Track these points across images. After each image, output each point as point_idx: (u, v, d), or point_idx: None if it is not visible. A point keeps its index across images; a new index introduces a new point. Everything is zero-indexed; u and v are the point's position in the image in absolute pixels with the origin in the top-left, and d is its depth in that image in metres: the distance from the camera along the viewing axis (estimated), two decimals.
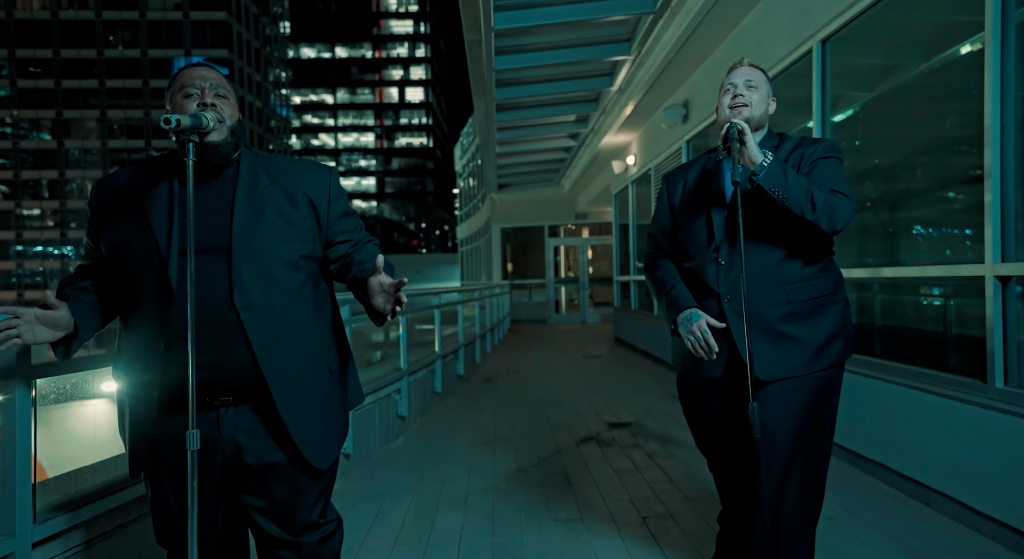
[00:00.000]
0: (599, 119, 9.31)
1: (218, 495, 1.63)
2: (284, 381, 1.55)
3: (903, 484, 3.27)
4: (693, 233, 1.96)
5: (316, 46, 78.69)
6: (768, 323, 1.84)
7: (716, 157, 1.99)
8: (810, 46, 4.24)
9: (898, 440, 3.31)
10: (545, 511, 3.22)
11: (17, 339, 1.43)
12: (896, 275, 3.60)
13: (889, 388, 3.39)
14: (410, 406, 5.06)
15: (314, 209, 1.63)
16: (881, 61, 4.12)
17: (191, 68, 1.60)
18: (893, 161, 3.78)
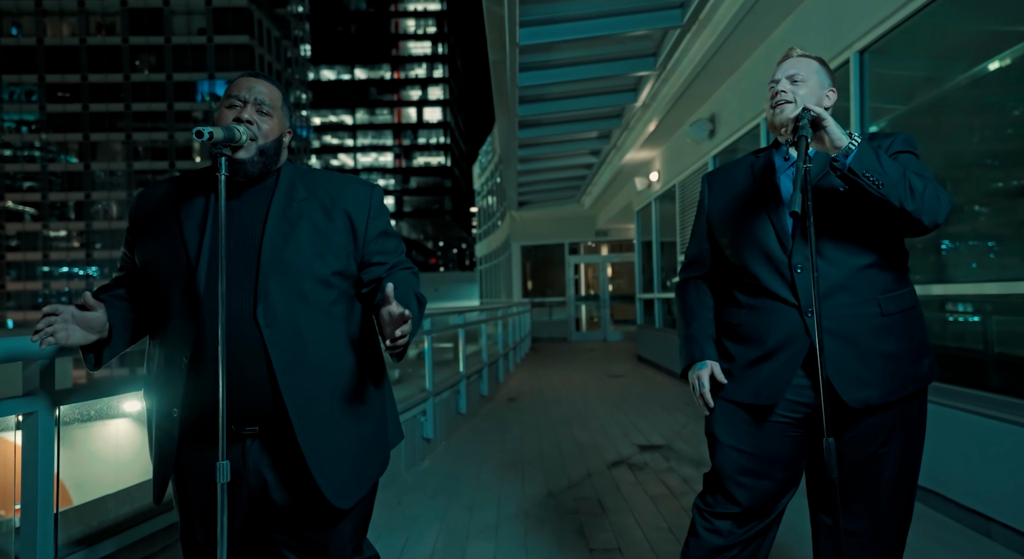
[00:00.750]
0: (622, 135, 9.23)
1: (247, 531, 1.54)
2: (306, 408, 1.45)
3: (961, 514, 3.08)
4: (755, 241, 1.70)
5: (336, 68, 79.92)
6: (858, 339, 1.59)
7: (772, 154, 1.76)
8: (847, 56, 4.13)
9: (954, 467, 3.13)
10: (580, 540, 3.08)
11: (51, 338, 1.34)
12: (948, 293, 3.44)
13: (940, 411, 3.21)
14: (435, 428, 4.95)
15: (352, 225, 1.55)
16: (921, 73, 3.99)
17: (244, 77, 1.55)
18: (939, 174, 3.64)
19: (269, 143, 1.51)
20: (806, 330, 1.62)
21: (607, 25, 5.54)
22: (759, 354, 1.68)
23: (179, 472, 1.53)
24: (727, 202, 1.79)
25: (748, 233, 1.71)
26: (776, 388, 1.64)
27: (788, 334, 1.64)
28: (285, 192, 1.53)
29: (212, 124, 1.45)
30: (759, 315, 1.68)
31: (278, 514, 1.51)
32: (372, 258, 1.58)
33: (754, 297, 1.71)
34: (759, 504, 1.69)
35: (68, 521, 1.79)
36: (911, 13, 3.52)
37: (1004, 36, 3.12)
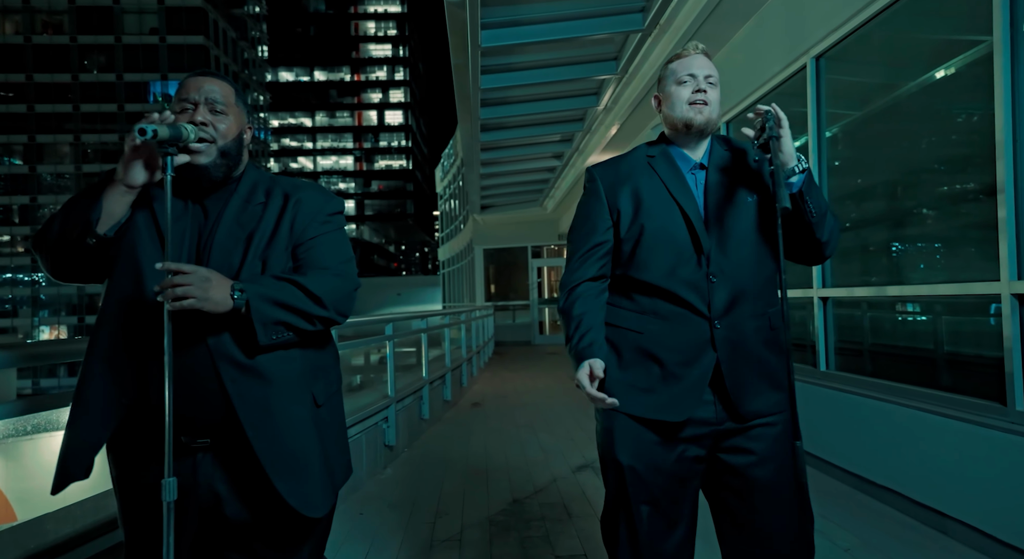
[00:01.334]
0: (584, 139, 9.27)
1: (197, 550, 1.45)
2: (261, 417, 1.39)
3: (919, 512, 3.14)
4: (665, 241, 1.60)
5: (294, 70, 78.70)
6: (752, 350, 1.57)
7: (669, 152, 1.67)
8: (804, 62, 4.19)
9: (912, 466, 3.19)
10: (546, 546, 3.04)
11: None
12: (904, 294, 3.51)
13: (899, 411, 3.27)
14: (398, 435, 4.85)
15: (292, 226, 1.50)
16: (875, 80, 4.08)
17: (193, 77, 1.49)
18: (893, 178, 3.71)
19: (229, 143, 1.47)
20: (712, 344, 1.57)
21: (569, 28, 5.54)
22: (665, 370, 1.59)
23: (124, 489, 1.44)
24: (633, 202, 1.65)
25: (660, 236, 1.61)
26: (686, 404, 1.57)
27: (696, 348, 1.57)
28: (244, 196, 1.50)
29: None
30: (666, 325, 1.59)
31: (232, 531, 1.44)
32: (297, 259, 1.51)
33: (662, 305, 1.61)
34: (669, 531, 1.62)
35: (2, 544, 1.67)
36: (865, 20, 3.59)
37: (954, 44, 3.20)
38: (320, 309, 1.44)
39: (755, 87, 4.86)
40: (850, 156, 4.11)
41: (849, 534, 3.03)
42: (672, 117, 1.64)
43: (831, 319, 4.10)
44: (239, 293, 1.33)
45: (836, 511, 3.34)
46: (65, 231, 1.37)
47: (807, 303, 4.27)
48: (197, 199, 1.47)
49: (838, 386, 3.86)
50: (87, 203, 1.37)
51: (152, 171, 1.38)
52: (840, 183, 4.12)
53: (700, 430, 1.59)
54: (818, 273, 4.13)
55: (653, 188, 1.64)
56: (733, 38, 5.18)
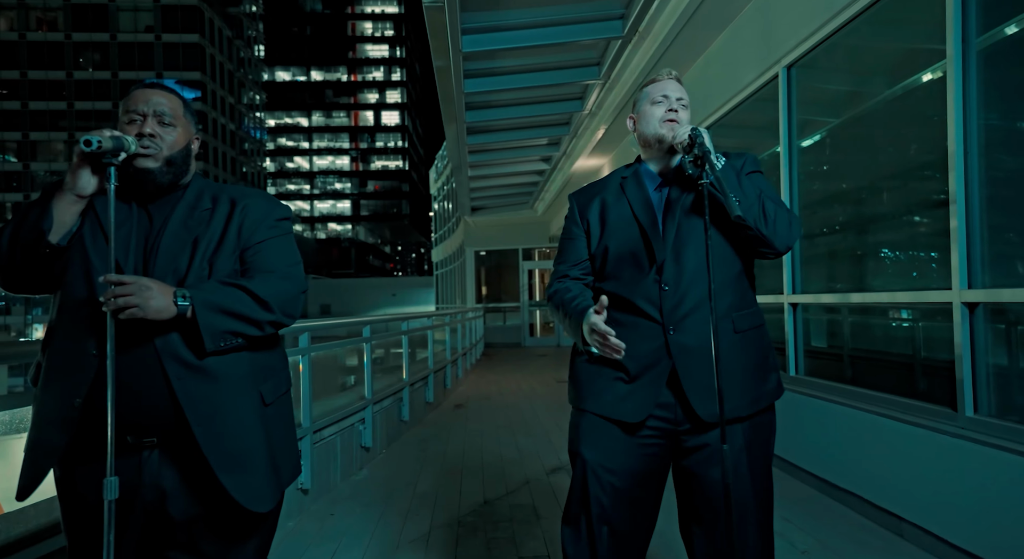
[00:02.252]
0: (571, 143, 9.32)
1: (141, 551, 1.49)
2: (207, 414, 1.43)
3: (877, 515, 3.20)
4: (625, 255, 1.73)
5: (291, 69, 78.67)
6: (711, 355, 1.62)
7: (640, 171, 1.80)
8: (776, 71, 4.26)
9: (871, 469, 3.25)
10: (511, 547, 3.08)
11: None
12: (865, 301, 3.57)
13: (860, 416, 3.33)
14: (375, 436, 4.89)
15: (239, 232, 1.55)
16: (847, 87, 4.14)
17: (141, 89, 1.54)
18: (860, 185, 3.78)
19: (176, 153, 1.52)
20: (667, 349, 1.65)
21: (550, 34, 5.59)
22: (626, 373, 1.69)
23: (66, 489, 1.48)
24: (600, 222, 1.80)
25: (622, 250, 1.73)
26: (642, 405, 1.66)
27: (652, 353, 1.66)
28: (190, 202, 1.54)
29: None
30: (626, 333, 1.67)
31: (175, 530, 1.48)
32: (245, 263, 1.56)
33: (620, 313, 1.72)
34: (627, 525, 1.69)
35: None
36: (834, 30, 3.65)
37: (919, 53, 3.26)
38: (267, 313, 1.49)
39: (732, 94, 4.92)
40: (822, 163, 4.18)
41: (808, 536, 3.09)
42: (645, 134, 1.77)
43: (800, 324, 4.16)
44: (183, 299, 1.37)
45: (798, 514, 3.40)
46: (16, 241, 1.41)
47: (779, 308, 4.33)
48: (142, 205, 1.52)
49: (805, 391, 3.92)
50: (38, 213, 1.41)
51: (100, 180, 1.43)
52: (811, 189, 4.18)
53: (660, 429, 1.68)
54: (788, 279, 4.19)
55: (620, 209, 1.78)
56: (710, 47, 5.25)
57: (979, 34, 2.65)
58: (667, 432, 1.69)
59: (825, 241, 4.04)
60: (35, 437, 1.45)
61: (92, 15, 49.45)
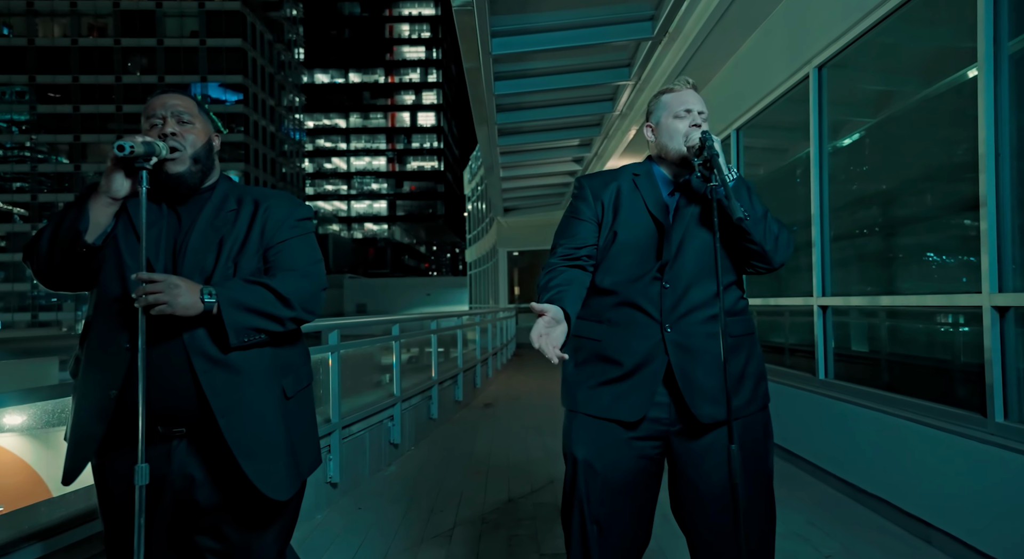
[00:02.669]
0: (602, 143, 9.32)
1: (170, 535, 1.58)
2: (231, 405, 1.50)
3: (904, 520, 3.15)
4: (632, 248, 1.72)
5: (329, 72, 79.88)
6: (708, 357, 1.66)
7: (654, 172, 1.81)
8: (807, 72, 4.21)
9: (899, 474, 3.20)
10: (532, 545, 3.12)
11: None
12: (894, 304, 3.52)
13: (889, 420, 3.29)
14: (403, 433, 4.98)
15: (263, 232, 1.62)
16: (878, 87, 4.07)
17: (156, 97, 1.62)
18: (890, 187, 3.72)
19: (199, 149, 1.60)
20: (664, 347, 1.67)
21: (580, 36, 5.62)
22: (620, 372, 1.69)
23: (102, 475, 1.57)
24: (614, 210, 1.78)
25: (633, 247, 1.73)
26: (638, 404, 1.67)
27: (648, 350, 1.67)
28: (217, 204, 1.62)
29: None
30: (620, 331, 1.69)
31: (201, 515, 1.55)
32: (268, 261, 1.63)
33: (618, 311, 1.72)
34: (620, 525, 1.70)
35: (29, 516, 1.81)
36: (865, 30, 3.60)
37: (952, 52, 3.20)
38: (288, 310, 1.56)
39: (762, 95, 4.88)
40: (852, 164, 4.12)
41: (833, 541, 3.06)
42: (667, 147, 1.77)
43: (829, 327, 4.11)
44: (209, 296, 1.45)
45: (824, 518, 3.36)
46: (55, 241, 1.50)
47: (808, 310, 4.28)
48: (172, 206, 1.60)
49: (834, 395, 3.87)
50: (75, 215, 1.50)
51: (132, 183, 1.51)
52: (841, 190, 4.13)
53: (654, 429, 1.69)
54: (818, 282, 4.14)
55: (634, 202, 1.77)
56: (739, 50, 5.21)
57: (1011, 37, 2.60)
58: (660, 433, 1.70)
59: (855, 243, 3.98)
60: (76, 426, 1.55)
61: (140, 21, 51.04)
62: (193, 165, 1.58)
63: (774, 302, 4.95)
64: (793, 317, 4.74)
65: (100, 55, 50.81)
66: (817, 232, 4.14)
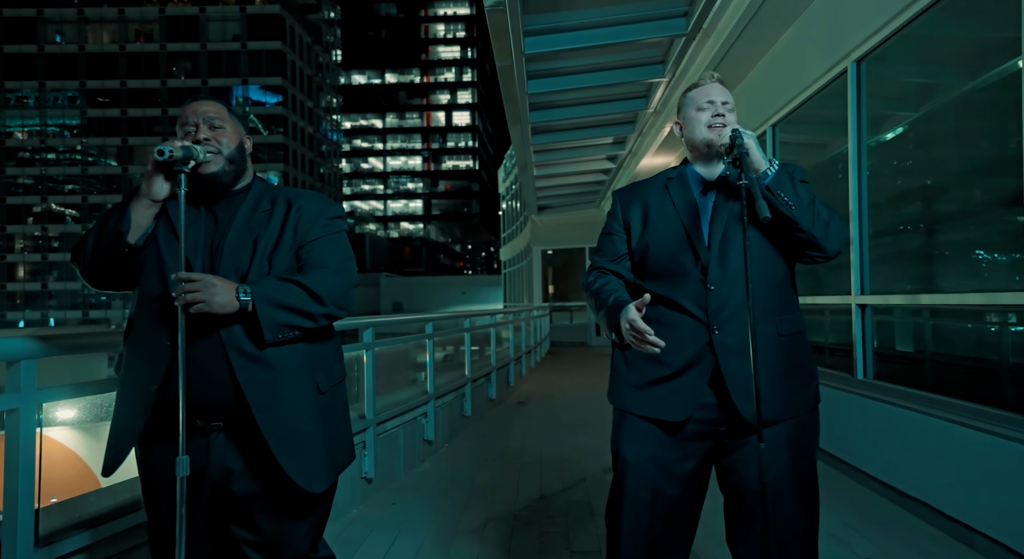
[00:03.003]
0: (637, 141, 9.25)
1: (209, 525, 1.64)
2: (267, 400, 1.55)
3: (945, 524, 3.07)
4: (668, 254, 1.75)
5: (366, 72, 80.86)
6: (756, 357, 1.62)
7: (686, 174, 1.82)
8: (845, 66, 4.13)
9: (941, 478, 3.12)
10: (563, 542, 3.14)
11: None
12: (935, 302, 3.43)
13: (930, 421, 3.21)
14: (437, 430, 5.04)
15: (295, 231, 1.67)
16: (920, 80, 3.97)
17: (189, 104, 1.70)
18: (932, 182, 3.62)
19: (233, 151, 1.67)
20: (711, 348, 1.67)
21: (613, 34, 5.60)
22: (668, 372, 1.70)
23: (145, 467, 1.64)
24: (643, 215, 1.82)
25: (666, 251, 1.75)
26: (684, 404, 1.68)
27: (696, 352, 1.68)
28: (251, 204, 1.68)
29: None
30: (667, 331, 1.69)
31: (238, 505, 1.61)
32: (300, 260, 1.68)
33: (664, 312, 1.74)
34: (665, 524, 1.71)
35: (50, 516, 1.91)
36: (905, 22, 3.52)
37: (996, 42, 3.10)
38: (320, 306, 1.60)
39: (798, 90, 4.79)
40: (893, 159, 4.02)
41: (870, 544, 3.01)
42: (693, 140, 1.79)
43: (869, 326, 4.02)
44: (244, 294, 1.51)
45: (861, 520, 3.30)
46: (100, 242, 1.57)
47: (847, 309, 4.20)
48: (209, 207, 1.67)
49: (873, 395, 3.79)
50: (117, 217, 1.57)
51: (171, 186, 1.58)
52: (880, 186, 4.04)
53: (702, 430, 1.70)
54: (856, 280, 4.06)
55: (663, 208, 1.79)
56: (775, 45, 5.13)
57: None
58: (707, 433, 1.71)
59: (894, 241, 3.89)
60: (117, 420, 1.62)
61: (184, 26, 52.42)
62: (227, 165, 1.64)
63: (811, 301, 4.86)
64: (834, 315, 4.65)
65: (146, 60, 52.33)
66: (856, 229, 4.05)
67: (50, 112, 52.40)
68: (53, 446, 21.13)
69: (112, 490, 2.11)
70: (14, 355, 1.69)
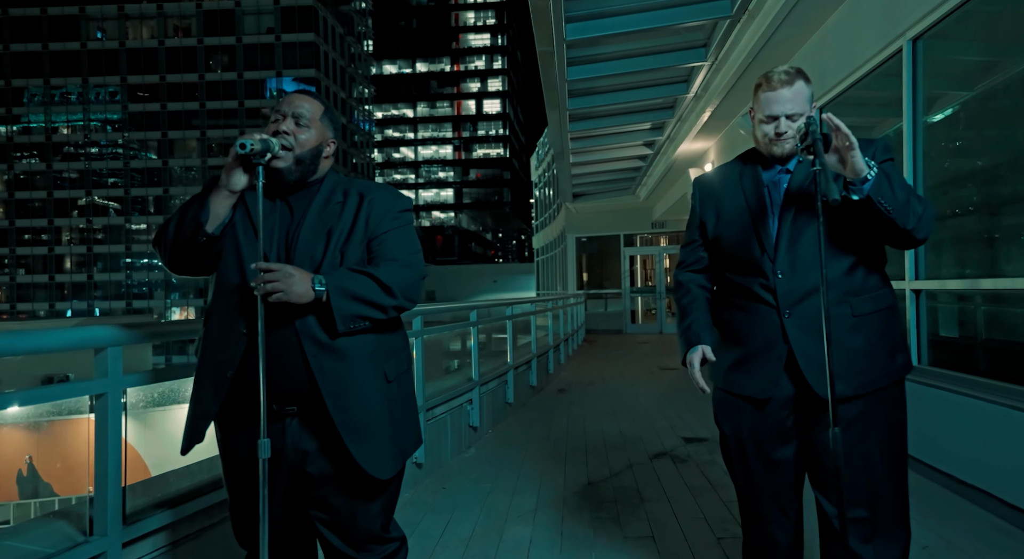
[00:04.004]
0: (675, 126, 9.14)
1: (287, 505, 1.70)
2: (338, 387, 1.60)
3: (1007, 512, 3.01)
4: (741, 243, 1.83)
5: (397, 62, 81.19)
6: (831, 337, 1.67)
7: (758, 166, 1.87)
8: (900, 45, 4.02)
9: (1003, 466, 3.06)
10: (615, 527, 3.16)
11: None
12: (997, 287, 3.34)
13: (992, 408, 3.14)
14: (482, 417, 5.10)
15: (367, 223, 1.70)
16: (980, 58, 3.85)
17: (291, 94, 1.75)
18: (992, 163, 3.52)
19: (305, 152, 1.69)
20: (783, 333, 1.74)
21: (655, 18, 5.53)
22: (745, 353, 1.82)
23: (227, 450, 1.71)
24: (716, 208, 1.92)
25: (735, 239, 1.84)
26: (764, 385, 1.78)
27: (768, 336, 1.77)
28: (325, 196, 1.72)
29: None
30: (745, 315, 1.82)
31: (313, 486, 1.67)
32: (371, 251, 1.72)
33: (741, 298, 1.85)
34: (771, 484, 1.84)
35: (135, 494, 2.00)
36: None
37: None
38: (391, 298, 1.64)
39: (849, 71, 4.68)
40: (950, 140, 3.92)
41: (930, 532, 2.96)
42: (759, 143, 1.84)
43: (923, 312, 3.94)
44: (320, 285, 1.55)
45: (919, 508, 3.22)
46: (180, 231, 1.63)
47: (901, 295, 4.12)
48: (285, 198, 1.71)
49: (930, 382, 3.71)
50: (197, 207, 1.63)
51: (249, 178, 1.62)
52: (938, 168, 3.93)
53: (785, 405, 1.80)
54: (911, 265, 3.97)
55: (735, 201, 1.87)
56: (824, 24, 5.01)
57: None
58: (791, 406, 1.80)
59: (952, 224, 3.80)
60: (194, 403, 1.68)
61: (221, 20, 53.20)
62: (295, 165, 1.67)
63: None
64: None
65: (185, 54, 53.29)
66: None
67: (93, 107, 53.78)
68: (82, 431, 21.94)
69: (189, 470, 2.19)
70: (102, 342, 1.77)
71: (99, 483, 1.76)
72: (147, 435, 15.18)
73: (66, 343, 1.70)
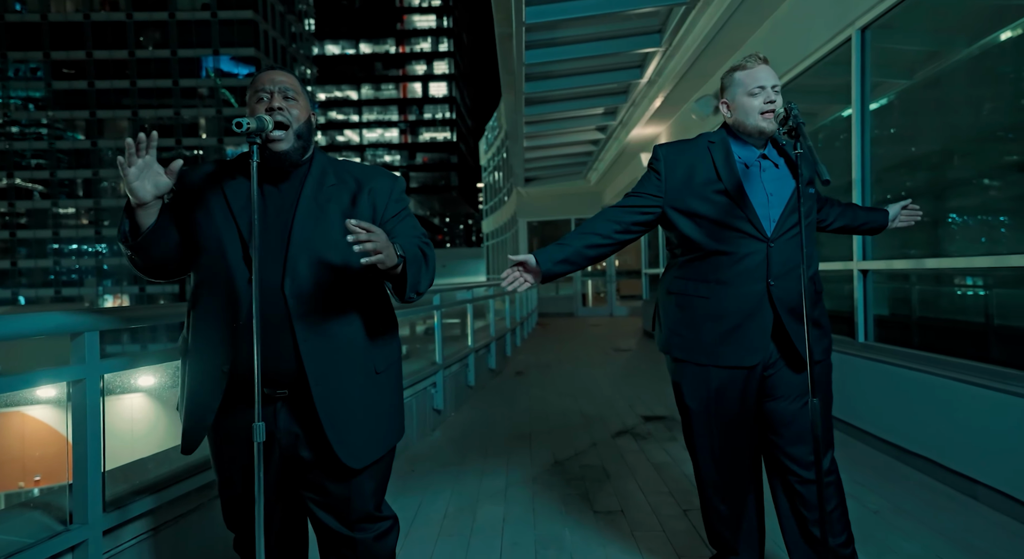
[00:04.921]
0: (628, 111, 9.26)
1: (279, 486, 1.68)
2: (324, 374, 1.59)
3: (950, 478, 3.23)
4: (735, 222, 1.89)
5: (340, 43, 79.16)
6: (803, 310, 1.82)
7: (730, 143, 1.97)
8: (849, 34, 4.18)
9: (944, 434, 3.27)
10: (585, 503, 3.24)
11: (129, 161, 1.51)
12: (940, 266, 3.54)
13: (934, 380, 3.34)
14: (445, 400, 5.11)
15: (373, 208, 1.68)
16: (923, 48, 4.04)
17: (265, 72, 1.69)
18: (934, 149, 3.71)
19: (301, 125, 1.66)
20: (771, 301, 1.88)
21: (613, 3, 5.58)
22: (730, 324, 1.91)
23: (218, 433, 1.68)
24: (690, 182, 1.94)
25: (727, 215, 1.90)
26: (752, 351, 1.91)
27: (754, 305, 1.89)
28: (317, 178, 1.68)
29: (246, 116, 1.56)
30: (728, 288, 1.90)
31: (305, 469, 1.66)
32: None
33: (726, 271, 1.91)
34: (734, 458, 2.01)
35: (114, 481, 1.94)
36: None
37: (1005, 9, 3.17)
38: (431, 279, 1.66)
39: (799, 58, 4.84)
40: (894, 126, 4.11)
41: (880, 497, 3.15)
42: (745, 125, 1.90)
43: (870, 291, 4.14)
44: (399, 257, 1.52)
45: (869, 476, 3.45)
46: (129, 249, 1.58)
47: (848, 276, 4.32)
48: (272, 182, 1.65)
49: (875, 357, 3.92)
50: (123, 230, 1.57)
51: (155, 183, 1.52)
52: (887, 153, 4.12)
53: (756, 371, 1.92)
54: (859, 247, 4.17)
55: (706, 171, 1.92)
56: (777, 11, 5.15)
57: None
58: (759, 372, 1.94)
59: None
60: (191, 400, 1.63)
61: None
62: (296, 141, 1.63)
63: None
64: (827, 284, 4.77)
65: (113, 30, 50.58)
66: (859, 196, 4.15)
67: (12, 84, 50.63)
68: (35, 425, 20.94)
69: (168, 456, 2.14)
70: (79, 327, 1.70)
71: (78, 471, 1.71)
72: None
73: (41, 328, 1.63)
